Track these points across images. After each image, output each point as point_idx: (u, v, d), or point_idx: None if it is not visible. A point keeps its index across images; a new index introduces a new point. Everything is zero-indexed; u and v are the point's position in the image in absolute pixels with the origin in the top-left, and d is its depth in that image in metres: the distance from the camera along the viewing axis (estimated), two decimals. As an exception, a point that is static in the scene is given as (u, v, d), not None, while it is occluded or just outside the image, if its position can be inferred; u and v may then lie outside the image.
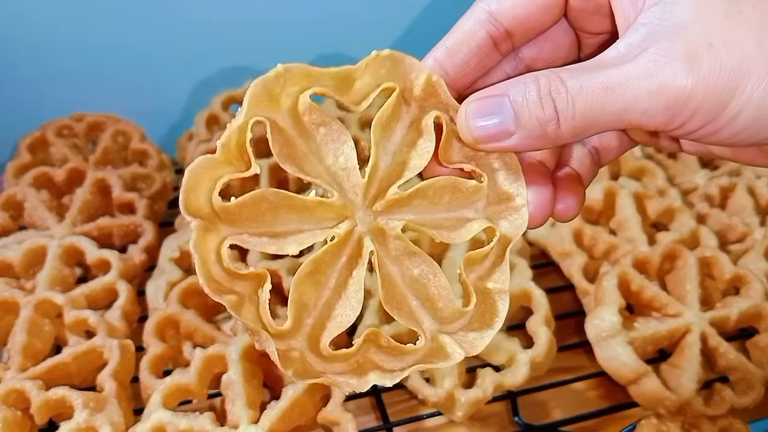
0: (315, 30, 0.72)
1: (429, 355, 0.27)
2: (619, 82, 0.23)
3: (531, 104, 0.24)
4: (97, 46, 0.67)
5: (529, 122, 0.24)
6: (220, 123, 0.69)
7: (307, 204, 0.26)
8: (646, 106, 0.23)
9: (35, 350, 0.48)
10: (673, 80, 0.23)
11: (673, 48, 0.23)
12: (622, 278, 0.51)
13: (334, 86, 0.27)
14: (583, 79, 0.24)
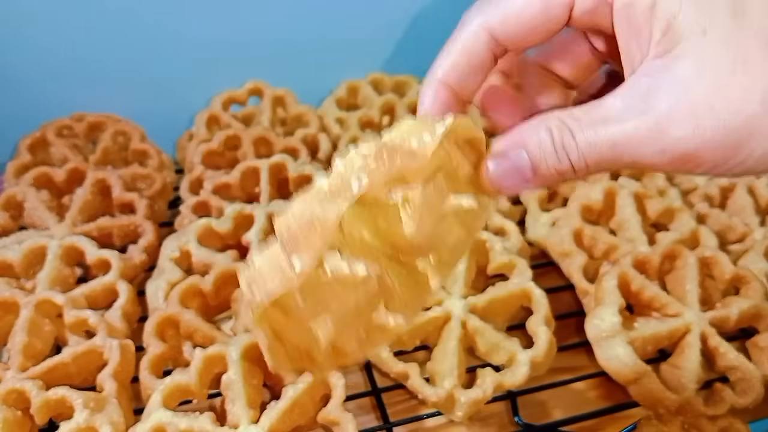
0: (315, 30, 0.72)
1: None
2: (624, 142, 0.25)
3: (548, 156, 0.26)
4: (97, 46, 0.67)
5: (547, 172, 0.27)
6: (220, 123, 0.69)
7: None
8: (652, 162, 0.25)
9: (35, 350, 0.48)
10: (677, 144, 0.24)
11: (677, 109, 0.24)
12: (622, 278, 0.51)
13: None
14: (589, 134, 0.25)
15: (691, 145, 0.24)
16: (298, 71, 0.74)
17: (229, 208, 0.56)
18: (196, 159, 0.63)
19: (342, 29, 0.73)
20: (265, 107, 0.71)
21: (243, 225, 0.55)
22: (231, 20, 0.70)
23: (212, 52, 0.71)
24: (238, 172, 0.60)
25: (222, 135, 0.64)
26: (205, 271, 0.52)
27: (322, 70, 0.75)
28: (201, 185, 0.60)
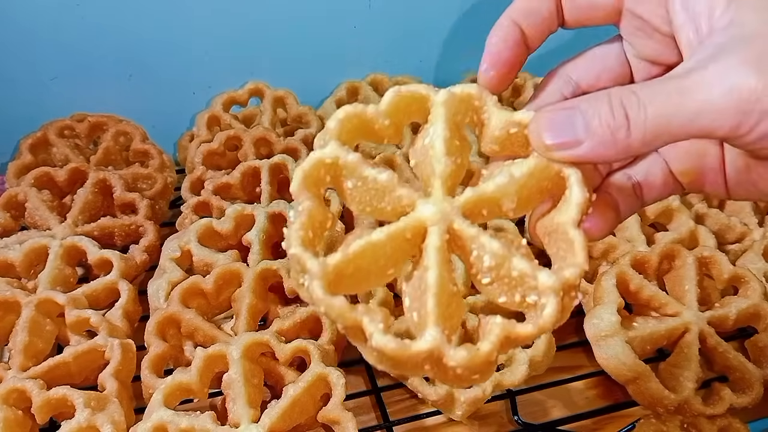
0: (315, 30, 0.72)
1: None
2: (690, 86, 0.24)
3: (602, 113, 0.25)
4: (98, 46, 0.67)
5: (599, 129, 0.25)
6: (221, 123, 0.69)
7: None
8: (719, 107, 0.23)
9: (36, 350, 0.48)
10: (745, 82, 0.23)
11: (742, 55, 0.24)
12: (621, 278, 0.51)
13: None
14: (654, 86, 0.25)
15: (759, 84, 0.23)
16: (299, 72, 0.74)
17: (229, 208, 0.56)
18: (197, 159, 0.63)
19: (342, 30, 0.73)
20: (266, 108, 0.71)
21: (244, 225, 0.55)
22: (231, 21, 0.70)
23: (213, 52, 0.71)
24: (239, 172, 0.60)
25: (223, 135, 0.64)
26: (206, 270, 0.52)
27: (323, 70, 0.75)
28: (202, 185, 0.61)
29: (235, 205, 0.56)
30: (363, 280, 0.27)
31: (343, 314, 0.25)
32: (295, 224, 0.26)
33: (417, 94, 0.28)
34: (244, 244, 0.55)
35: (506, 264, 0.26)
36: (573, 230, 0.26)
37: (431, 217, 0.27)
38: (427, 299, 0.26)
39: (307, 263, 0.25)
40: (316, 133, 0.68)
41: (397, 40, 0.76)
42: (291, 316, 0.49)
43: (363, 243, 0.26)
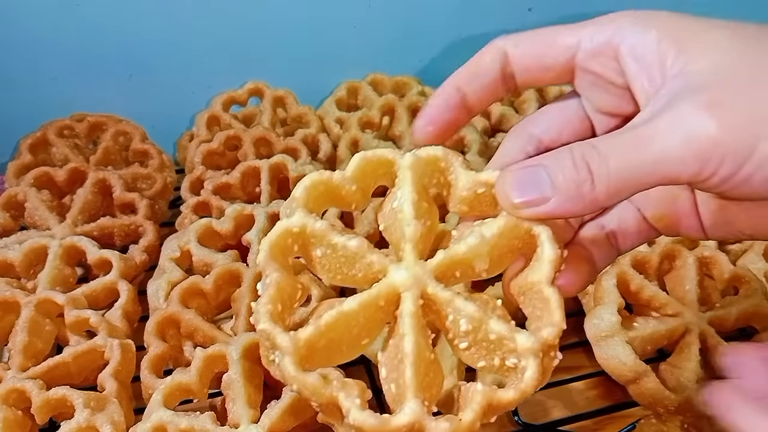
0: (315, 30, 0.72)
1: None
2: (648, 136, 0.24)
3: (566, 168, 0.25)
4: (97, 46, 0.67)
5: (563, 184, 0.25)
6: (221, 123, 0.69)
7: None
8: (677, 155, 0.24)
9: (36, 350, 0.48)
10: (702, 128, 0.23)
11: (696, 102, 0.24)
12: (621, 278, 0.51)
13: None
14: (613, 139, 0.25)
15: (715, 131, 0.23)
16: (298, 72, 0.74)
17: (229, 208, 0.56)
18: (196, 159, 0.63)
19: (342, 29, 0.73)
20: (266, 108, 0.71)
21: (243, 225, 0.55)
22: (231, 21, 0.70)
23: (213, 52, 0.71)
24: (239, 172, 0.60)
25: (222, 135, 0.64)
26: (205, 270, 0.52)
27: (322, 70, 0.75)
28: (201, 185, 0.61)
29: (235, 205, 0.56)
30: (336, 352, 0.26)
31: (318, 391, 0.24)
32: (263, 298, 0.25)
33: (383, 159, 0.28)
34: (243, 244, 0.55)
35: (483, 327, 0.26)
36: (547, 288, 0.27)
37: (404, 283, 0.26)
38: (404, 369, 0.25)
39: (277, 339, 0.24)
40: (316, 133, 0.69)
41: (397, 40, 0.76)
42: (291, 316, 0.49)
43: (335, 314, 0.25)
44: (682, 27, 0.26)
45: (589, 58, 0.28)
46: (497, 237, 0.27)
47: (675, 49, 0.25)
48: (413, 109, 0.69)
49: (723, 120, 0.23)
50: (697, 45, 0.25)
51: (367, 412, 0.24)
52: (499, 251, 0.27)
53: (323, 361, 0.26)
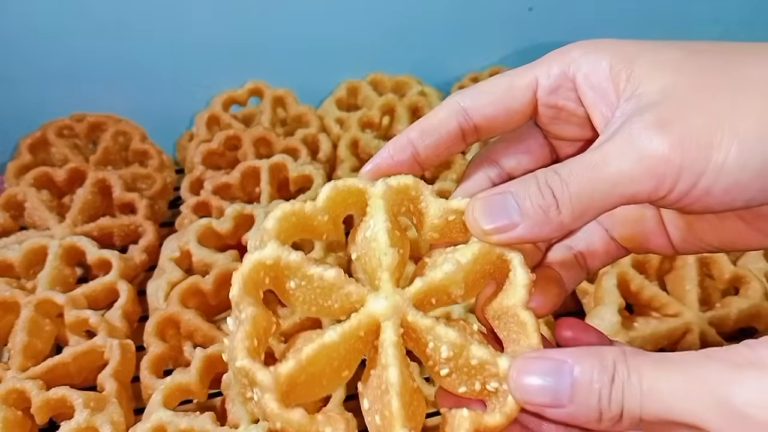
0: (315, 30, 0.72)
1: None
2: (603, 159, 0.24)
3: (532, 194, 0.25)
4: (97, 46, 0.67)
5: (531, 210, 0.25)
6: (221, 123, 0.69)
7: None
8: (632, 174, 0.24)
9: (36, 350, 0.48)
10: (651, 146, 0.24)
11: (648, 120, 0.24)
12: (622, 278, 0.51)
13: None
14: (572, 164, 0.25)
15: (665, 146, 0.24)
16: (298, 71, 0.74)
17: (229, 208, 0.56)
18: (196, 159, 0.63)
19: (342, 29, 0.73)
20: (266, 107, 0.71)
21: (243, 225, 0.55)
22: (231, 20, 0.70)
23: (212, 52, 0.71)
24: (239, 172, 0.60)
25: (222, 135, 0.64)
26: (205, 270, 0.52)
27: (322, 70, 0.75)
28: (201, 185, 0.61)
29: (235, 205, 0.56)
30: (317, 386, 0.26)
31: (304, 429, 0.24)
32: (239, 334, 0.24)
33: (353, 188, 0.28)
34: (243, 244, 0.55)
35: (464, 353, 0.26)
36: (523, 312, 0.27)
37: (384, 312, 0.26)
38: (390, 400, 0.25)
39: (257, 376, 0.24)
40: (316, 132, 0.69)
41: (398, 39, 0.76)
42: (291, 316, 0.49)
43: (316, 347, 0.25)
44: (632, 51, 0.26)
45: (548, 94, 0.28)
46: (472, 263, 0.27)
47: (626, 73, 0.26)
48: (413, 108, 0.69)
49: (673, 136, 0.24)
50: (648, 67, 0.26)
51: None
52: (473, 277, 0.28)
53: (303, 396, 0.25)
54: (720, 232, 0.29)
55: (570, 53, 0.28)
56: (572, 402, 0.24)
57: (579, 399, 0.24)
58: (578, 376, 0.24)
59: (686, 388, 0.22)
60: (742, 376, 0.22)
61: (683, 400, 0.22)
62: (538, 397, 0.24)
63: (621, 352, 0.24)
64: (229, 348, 0.25)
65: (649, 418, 0.23)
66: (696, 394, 0.22)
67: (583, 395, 0.24)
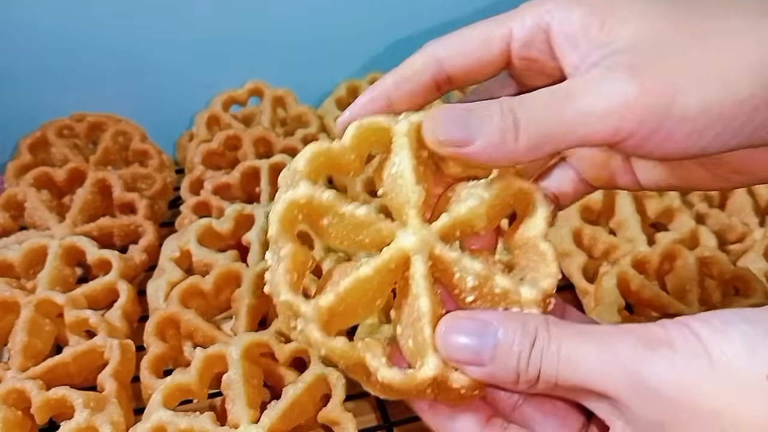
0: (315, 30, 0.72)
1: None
2: (568, 95, 0.25)
3: (494, 116, 0.26)
4: (97, 46, 0.67)
5: (489, 130, 0.26)
6: (221, 123, 0.69)
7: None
8: (596, 114, 0.25)
9: (36, 350, 0.48)
10: (620, 88, 0.24)
11: (617, 64, 0.25)
12: (622, 278, 0.51)
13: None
14: (537, 96, 0.26)
15: (632, 88, 0.24)
16: (298, 71, 0.74)
17: (229, 208, 0.56)
18: (196, 159, 0.63)
19: (342, 29, 0.73)
20: (266, 107, 0.71)
21: (243, 225, 0.55)
22: (231, 20, 0.70)
23: (212, 52, 0.71)
24: (239, 172, 0.60)
25: (222, 135, 0.64)
26: (205, 271, 0.52)
27: (322, 70, 0.75)
28: (201, 185, 0.61)
29: (235, 205, 0.56)
30: (353, 314, 0.28)
31: (346, 354, 0.26)
32: (280, 269, 0.26)
33: (378, 126, 0.29)
34: (243, 244, 0.55)
35: (489, 283, 0.28)
36: (543, 243, 0.29)
37: (413, 247, 0.28)
38: (422, 327, 0.27)
39: (301, 308, 0.26)
40: (316, 132, 0.69)
41: (398, 39, 0.76)
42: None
43: (352, 280, 0.26)
44: (605, 1, 0.27)
45: (522, 46, 0.29)
46: (494, 197, 0.29)
47: (599, 22, 0.26)
48: (413, 108, 0.69)
49: (640, 80, 0.24)
50: (619, 17, 0.26)
51: (394, 370, 0.26)
52: (494, 210, 0.29)
53: (342, 323, 0.27)
54: (681, 173, 0.30)
55: (544, 5, 0.28)
56: (493, 362, 0.25)
57: (499, 360, 0.25)
58: (501, 338, 0.25)
59: (601, 359, 0.24)
60: (654, 353, 0.23)
61: (597, 370, 0.24)
62: (462, 354, 0.26)
63: (544, 320, 0.25)
64: (272, 282, 0.27)
65: (565, 384, 0.24)
66: (609, 365, 0.23)
67: (504, 356, 0.25)
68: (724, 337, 0.23)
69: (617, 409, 0.24)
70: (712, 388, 0.22)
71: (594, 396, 0.24)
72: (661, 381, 0.23)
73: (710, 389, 0.22)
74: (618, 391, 0.23)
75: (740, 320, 0.23)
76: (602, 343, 0.24)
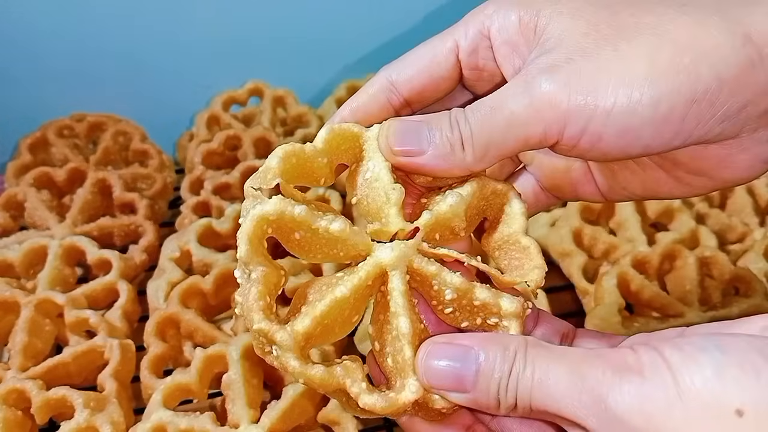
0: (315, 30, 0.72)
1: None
2: (499, 102, 0.25)
3: (443, 127, 0.26)
4: (97, 46, 0.67)
5: (439, 141, 0.26)
6: (221, 123, 0.69)
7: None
8: (524, 117, 0.25)
9: (36, 350, 0.48)
10: (539, 88, 0.25)
11: (541, 66, 0.25)
12: (622, 278, 0.51)
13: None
14: (476, 105, 0.26)
15: (552, 87, 0.24)
16: (298, 71, 0.74)
17: (229, 208, 0.56)
18: (196, 159, 0.63)
19: (342, 29, 0.73)
20: (266, 107, 0.71)
21: (243, 225, 0.55)
22: (231, 20, 0.70)
23: (212, 52, 0.71)
24: (239, 172, 0.60)
25: (222, 135, 0.64)
26: (205, 270, 0.52)
27: (322, 70, 0.75)
28: (201, 185, 0.61)
29: (235, 204, 0.56)
30: (330, 333, 0.27)
31: (325, 383, 0.25)
32: (251, 295, 0.25)
33: (349, 132, 0.28)
34: (243, 245, 0.54)
35: (468, 295, 0.27)
36: (525, 238, 0.29)
37: (391, 262, 0.27)
38: (402, 347, 0.26)
39: (276, 337, 0.25)
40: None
41: (398, 39, 0.76)
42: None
43: (328, 302, 0.26)
44: (538, 1, 0.27)
45: (468, 56, 0.29)
46: (472, 196, 0.28)
47: (533, 24, 0.27)
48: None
49: (560, 80, 0.24)
50: (550, 16, 0.26)
51: (375, 396, 0.25)
52: (471, 211, 0.29)
53: (319, 342, 0.27)
54: (642, 180, 0.30)
55: (485, 11, 0.28)
56: (475, 389, 0.25)
57: (481, 387, 0.25)
58: (482, 364, 0.25)
59: (570, 385, 0.23)
60: (622, 381, 0.22)
61: (566, 396, 0.23)
62: (444, 381, 0.25)
63: (523, 343, 0.25)
64: (244, 306, 0.26)
65: (537, 408, 0.24)
66: (578, 391, 0.23)
67: (485, 383, 0.25)
68: (695, 365, 0.22)
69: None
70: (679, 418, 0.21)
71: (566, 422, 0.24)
72: (627, 409, 0.22)
73: (677, 419, 0.21)
74: (585, 418, 0.23)
75: (713, 347, 0.22)
76: (573, 368, 0.23)
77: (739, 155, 0.27)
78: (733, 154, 0.27)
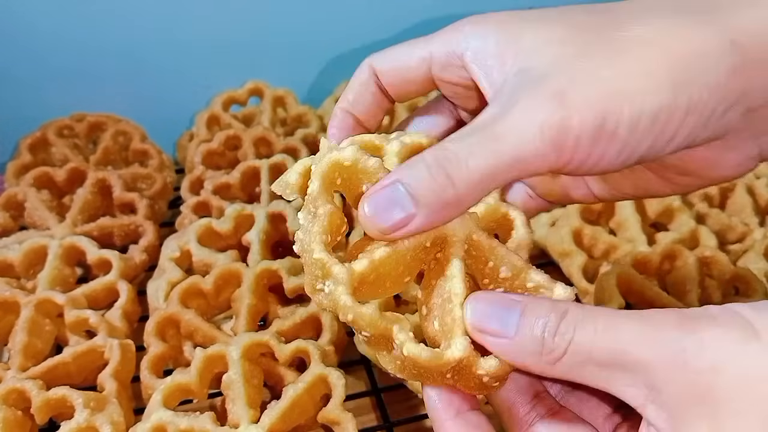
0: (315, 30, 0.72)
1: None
2: (502, 132, 0.24)
3: (423, 179, 0.24)
4: (97, 45, 0.67)
5: (424, 197, 0.24)
6: (221, 123, 0.69)
7: None
8: (533, 147, 0.24)
9: (36, 350, 0.48)
10: (551, 117, 0.24)
11: (544, 92, 0.25)
12: (622, 278, 0.51)
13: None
14: (467, 139, 0.25)
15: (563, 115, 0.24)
16: (298, 71, 0.74)
17: (229, 208, 0.56)
18: (196, 159, 0.63)
19: (342, 29, 0.73)
20: (266, 107, 0.71)
21: (243, 225, 0.55)
22: (231, 20, 0.70)
23: (212, 52, 0.71)
24: (239, 172, 0.60)
25: (222, 135, 0.64)
26: (205, 271, 0.52)
27: (322, 70, 0.75)
28: (201, 185, 0.61)
29: (235, 205, 0.56)
30: (381, 287, 0.27)
31: (374, 323, 0.25)
32: (315, 228, 0.26)
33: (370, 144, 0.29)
34: (243, 244, 0.55)
35: (522, 275, 0.27)
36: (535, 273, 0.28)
37: (455, 228, 0.27)
38: (452, 308, 0.26)
39: (333, 269, 0.25)
40: (316, 132, 0.69)
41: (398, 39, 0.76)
42: (291, 316, 0.49)
43: (388, 250, 0.26)
44: (518, 26, 0.27)
45: (441, 70, 0.29)
46: (483, 216, 0.29)
47: (514, 49, 0.26)
48: (413, 108, 0.69)
49: (570, 105, 0.24)
50: (535, 40, 0.26)
51: (421, 346, 0.25)
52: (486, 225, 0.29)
53: (368, 294, 0.26)
54: (633, 182, 0.31)
55: (462, 29, 0.28)
56: (517, 333, 0.24)
57: (523, 330, 0.24)
58: (528, 307, 0.25)
59: (641, 330, 0.23)
60: (697, 323, 0.23)
61: (636, 339, 0.23)
62: (488, 321, 0.25)
63: (576, 303, 0.25)
64: (304, 240, 0.26)
65: (600, 355, 0.23)
66: (650, 333, 0.23)
67: (528, 326, 0.24)
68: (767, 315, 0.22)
69: (651, 389, 0.23)
70: (758, 353, 0.21)
71: (628, 373, 0.23)
72: (704, 345, 0.22)
73: (755, 354, 0.21)
74: (656, 359, 0.22)
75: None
76: (643, 316, 0.23)
77: (726, 154, 0.28)
78: (720, 154, 0.27)
